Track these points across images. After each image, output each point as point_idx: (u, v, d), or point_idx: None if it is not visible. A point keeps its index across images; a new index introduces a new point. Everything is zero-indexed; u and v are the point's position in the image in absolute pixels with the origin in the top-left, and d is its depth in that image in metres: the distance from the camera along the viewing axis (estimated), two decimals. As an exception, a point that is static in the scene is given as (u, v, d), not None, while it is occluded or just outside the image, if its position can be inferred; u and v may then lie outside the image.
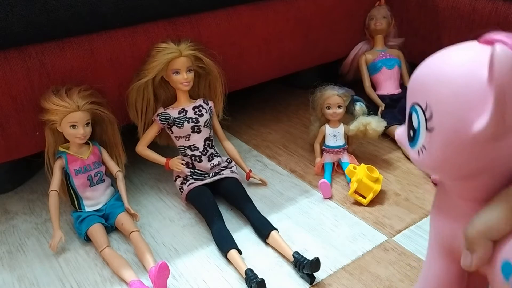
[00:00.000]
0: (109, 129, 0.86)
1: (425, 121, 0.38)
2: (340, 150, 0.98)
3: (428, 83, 0.38)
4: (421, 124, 0.38)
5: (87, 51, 0.82)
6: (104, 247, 0.77)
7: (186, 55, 0.84)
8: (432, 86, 0.37)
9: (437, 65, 0.38)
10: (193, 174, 0.89)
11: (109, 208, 0.84)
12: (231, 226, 0.82)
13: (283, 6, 1.04)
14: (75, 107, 0.77)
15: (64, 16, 0.76)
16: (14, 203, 0.94)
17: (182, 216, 0.88)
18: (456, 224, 0.42)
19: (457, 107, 0.35)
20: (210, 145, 0.90)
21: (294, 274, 0.73)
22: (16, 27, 0.73)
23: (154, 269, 0.69)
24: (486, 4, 1.00)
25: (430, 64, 0.39)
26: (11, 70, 0.76)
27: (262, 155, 1.07)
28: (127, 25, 0.85)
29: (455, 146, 0.36)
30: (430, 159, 0.39)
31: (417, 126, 0.39)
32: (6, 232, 0.86)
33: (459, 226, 0.41)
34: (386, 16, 1.16)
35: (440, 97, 0.36)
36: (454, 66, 0.36)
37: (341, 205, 0.89)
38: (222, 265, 0.76)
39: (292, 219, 0.86)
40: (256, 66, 1.06)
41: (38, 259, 0.79)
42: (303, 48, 1.12)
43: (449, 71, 0.36)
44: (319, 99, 0.99)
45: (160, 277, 0.69)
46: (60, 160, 0.82)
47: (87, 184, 0.83)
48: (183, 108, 0.88)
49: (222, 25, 0.96)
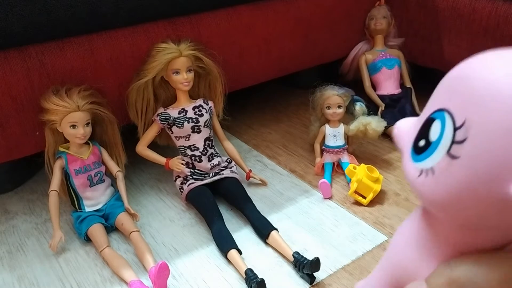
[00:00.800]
0: (109, 129, 0.86)
1: (451, 142, 0.26)
2: (340, 150, 0.98)
3: (482, 94, 0.25)
4: (444, 141, 0.27)
5: (87, 51, 0.82)
6: (104, 247, 0.77)
7: (186, 55, 0.84)
8: (487, 102, 0.25)
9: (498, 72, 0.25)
10: (193, 174, 0.89)
11: (109, 208, 0.84)
12: (231, 226, 0.82)
13: (283, 6, 1.04)
14: (75, 107, 0.77)
15: (64, 16, 0.76)
16: (14, 203, 0.94)
17: (182, 216, 0.88)
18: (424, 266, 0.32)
19: (508, 149, 0.24)
20: (210, 145, 0.90)
21: (294, 274, 0.73)
22: (16, 27, 0.73)
23: (154, 269, 0.69)
24: (486, 4, 1.00)
25: (496, 68, 0.25)
26: (11, 70, 0.76)
27: (262, 155, 1.07)
28: (127, 25, 0.85)
29: (477, 195, 0.26)
30: (436, 190, 0.28)
31: (435, 139, 0.28)
32: (6, 232, 0.86)
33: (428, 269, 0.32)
34: (386, 16, 1.16)
35: (492, 125, 0.24)
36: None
37: (341, 205, 0.89)
38: (222, 265, 0.76)
39: (292, 219, 0.86)
40: (256, 66, 1.06)
41: (38, 259, 0.79)
42: (303, 48, 1.12)
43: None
44: (319, 99, 0.99)
45: (160, 277, 0.69)
46: (60, 160, 0.82)
47: (87, 184, 0.83)
48: (183, 108, 0.88)
49: (222, 25, 0.96)
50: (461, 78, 0.27)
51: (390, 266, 0.37)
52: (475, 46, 0.39)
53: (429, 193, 0.29)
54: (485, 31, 1.01)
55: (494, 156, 0.24)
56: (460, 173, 0.26)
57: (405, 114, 1.10)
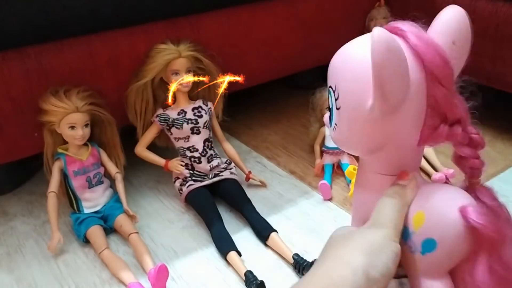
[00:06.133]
0: (108, 131, 0.86)
1: (335, 101, 0.42)
2: (340, 152, 0.98)
3: (336, 68, 0.43)
4: (333, 104, 0.42)
5: (86, 52, 0.82)
6: (103, 249, 0.77)
7: (185, 56, 0.84)
8: (338, 70, 0.42)
9: (343, 51, 0.43)
10: (193, 175, 0.88)
11: (108, 210, 0.83)
12: (230, 228, 0.81)
13: (283, 7, 1.03)
14: (74, 108, 0.77)
15: (62, 17, 0.76)
16: (13, 205, 0.94)
17: (181, 218, 0.88)
18: (370, 196, 0.45)
19: (355, 87, 0.39)
20: (210, 146, 0.90)
21: (294, 276, 0.73)
22: (15, 28, 0.72)
23: (153, 271, 0.69)
24: (486, 5, 1.00)
25: (340, 51, 0.44)
26: (10, 71, 0.76)
27: (262, 156, 1.07)
28: (126, 26, 0.85)
29: (356, 124, 0.40)
30: (340, 135, 0.43)
31: (331, 106, 0.43)
32: (5, 234, 0.86)
33: (372, 198, 0.44)
34: (386, 17, 1.16)
35: (343, 79, 0.41)
36: (354, 52, 0.41)
37: (341, 207, 0.89)
38: (221, 267, 0.75)
39: (292, 220, 0.85)
40: (255, 67, 1.06)
41: (37, 261, 0.79)
42: (302, 49, 1.12)
43: (350, 57, 0.41)
44: (319, 100, 0.99)
45: (159, 279, 0.68)
46: (59, 161, 0.81)
47: (86, 186, 0.82)
48: (182, 109, 0.88)
49: (222, 26, 0.95)
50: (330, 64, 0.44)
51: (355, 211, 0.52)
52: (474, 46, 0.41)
53: (339, 139, 0.44)
54: (485, 31, 1.00)
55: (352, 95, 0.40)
56: (345, 115, 0.41)
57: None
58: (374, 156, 0.44)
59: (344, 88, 0.41)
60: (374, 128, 0.40)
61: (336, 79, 0.42)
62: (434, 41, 0.39)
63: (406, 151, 0.43)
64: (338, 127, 0.43)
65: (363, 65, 0.38)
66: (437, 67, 0.38)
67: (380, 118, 0.39)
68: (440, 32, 0.41)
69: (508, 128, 1.08)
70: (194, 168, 0.89)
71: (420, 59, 0.39)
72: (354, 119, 0.40)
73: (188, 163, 0.89)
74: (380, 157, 0.43)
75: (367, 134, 0.41)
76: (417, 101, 0.39)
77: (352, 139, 0.43)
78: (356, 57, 0.40)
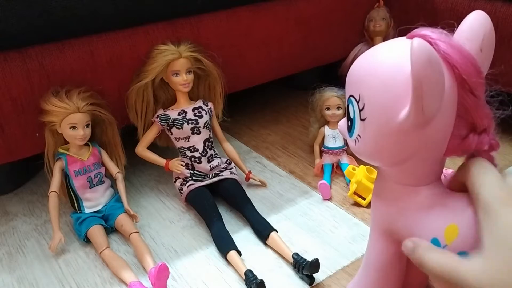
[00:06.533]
0: (109, 131, 0.86)
1: (359, 112, 0.40)
2: (339, 151, 0.98)
3: (360, 77, 0.40)
4: (356, 114, 0.41)
5: (87, 53, 0.82)
6: (103, 248, 0.77)
7: (185, 57, 0.85)
8: (363, 79, 0.40)
9: (368, 60, 0.41)
10: (193, 175, 0.89)
11: (108, 210, 0.84)
12: (230, 227, 0.82)
13: (283, 7, 1.04)
14: (75, 108, 0.78)
15: (64, 18, 0.76)
16: (14, 205, 0.94)
17: (181, 217, 0.88)
18: (393, 208, 0.44)
19: (385, 98, 0.38)
20: (210, 146, 0.90)
21: (294, 275, 0.73)
22: (16, 29, 0.73)
23: (154, 270, 0.69)
24: (486, 5, 1.00)
25: (363, 59, 0.41)
26: (11, 72, 0.76)
27: (262, 156, 1.07)
28: (127, 27, 0.85)
29: (384, 135, 0.39)
30: (364, 146, 0.41)
31: (353, 116, 0.41)
32: (6, 234, 0.86)
33: (395, 210, 0.43)
34: (385, 17, 1.16)
35: (371, 89, 0.39)
36: (382, 60, 0.39)
37: (341, 206, 0.89)
38: (221, 266, 0.76)
39: (291, 220, 0.86)
40: (255, 67, 1.06)
41: (38, 261, 0.79)
42: (302, 50, 1.12)
43: (378, 65, 0.39)
44: (319, 101, 0.99)
45: (159, 279, 0.69)
46: (60, 161, 0.82)
47: (87, 186, 0.83)
48: (182, 109, 0.88)
49: (222, 27, 0.96)
50: (353, 72, 0.42)
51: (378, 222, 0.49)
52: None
53: (363, 151, 0.42)
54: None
55: (381, 106, 0.38)
56: (371, 126, 0.39)
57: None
58: (398, 168, 0.42)
59: (372, 99, 0.39)
60: (403, 140, 0.38)
61: (360, 88, 0.40)
62: (465, 49, 0.38)
63: (431, 162, 0.41)
64: (362, 139, 0.41)
65: (395, 74, 0.37)
66: (470, 75, 0.37)
67: (411, 130, 0.37)
68: (468, 39, 0.39)
69: (506, 128, 1.08)
70: (194, 168, 0.89)
71: (451, 68, 0.37)
72: (383, 131, 0.39)
73: (189, 163, 0.89)
74: (403, 169, 0.42)
75: (395, 147, 0.39)
76: (447, 111, 0.38)
77: (378, 151, 0.41)
78: (387, 65, 0.38)
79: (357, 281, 0.58)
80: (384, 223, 0.47)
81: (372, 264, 0.53)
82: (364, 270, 0.56)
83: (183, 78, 0.85)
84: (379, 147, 0.40)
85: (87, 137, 0.81)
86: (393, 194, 0.45)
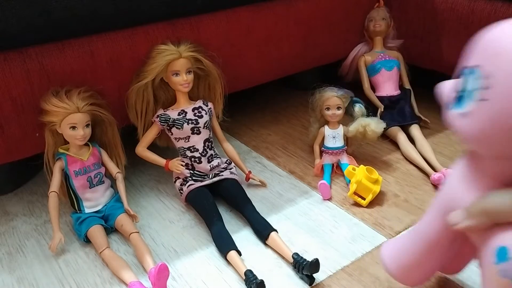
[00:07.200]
0: (109, 131, 0.86)
1: (481, 88, 0.34)
2: (339, 151, 0.98)
3: (500, 52, 0.34)
4: (475, 89, 0.35)
5: (87, 53, 0.82)
6: (103, 248, 0.77)
7: (185, 57, 0.85)
8: (504, 57, 0.33)
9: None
10: (193, 175, 0.89)
11: (108, 209, 0.84)
12: (230, 227, 0.82)
13: (283, 7, 1.04)
14: (75, 108, 0.78)
15: (64, 18, 0.76)
16: (14, 205, 0.94)
17: (181, 218, 0.88)
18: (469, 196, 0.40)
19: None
20: (210, 146, 0.90)
21: (294, 275, 0.73)
22: (16, 29, 0.73)
23: (154, 270, 0.69)
24: (485, 5, 1.00)
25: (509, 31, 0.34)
26: (11, 72, 0.76)
27: (262, 156, 1.07)
28: (127, 27, 0.85)
29: (507, 126, 0.34)
30: (474, 128, 0.36)
31: (468, 89, 0.36)
32: (6, 234, 0.86)
33: (471, 198, 0.40)
34: (385, 17, 1.16)
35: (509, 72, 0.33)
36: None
37: (341, 206, 0.89)
38: (221, 266, 0.76)
39: (291, 220, 0.86)
40: (255, 67, 1.06)
41: (38, 261, 0.79)
42: (302, 50, 1.12)
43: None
44: (319, 101, 0.99)
45: (159, 278, 0.69)
46: (60, 161, 0.82)
47: (87, 186, 0.83)
48: (182, 109, 0.88)
49: (222, 27, 0.96)
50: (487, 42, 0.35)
51: (442, 201, 0.46)
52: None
53: (471, 132, 0.37)
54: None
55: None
56: (492, 111, 0.34)
57: (404, 115, 1.10)
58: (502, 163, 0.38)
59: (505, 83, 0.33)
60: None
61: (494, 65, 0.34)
62: None
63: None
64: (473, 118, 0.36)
65: None
66: None
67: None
68: None
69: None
70: (194, 168, 0.89)
71: None
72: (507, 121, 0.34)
73: (189, 163, 0.89)
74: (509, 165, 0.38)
75: None
76: None
77: (490, 139, 0.36)
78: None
79: (398, 242, 0.58)
80: (451, 204, 0.43)
81: (421, 238, 0.52)
82: (410, 234, 0.55)
83: (183, 78, 0.85)
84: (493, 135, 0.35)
85: (87, 137, 0.81)
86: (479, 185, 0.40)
